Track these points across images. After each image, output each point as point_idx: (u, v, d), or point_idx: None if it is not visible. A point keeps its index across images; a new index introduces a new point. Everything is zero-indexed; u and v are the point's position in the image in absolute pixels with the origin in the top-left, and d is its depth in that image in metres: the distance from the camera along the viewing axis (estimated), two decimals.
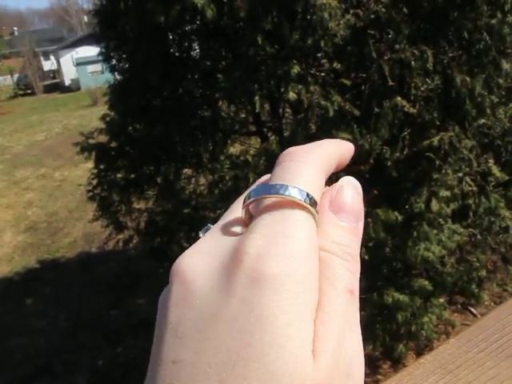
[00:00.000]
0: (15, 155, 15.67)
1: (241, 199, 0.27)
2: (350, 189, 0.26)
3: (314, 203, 0.24)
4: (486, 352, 0.53)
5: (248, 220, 0.26)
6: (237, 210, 0.27)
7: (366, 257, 3.63)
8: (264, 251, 0.23)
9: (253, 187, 0.27)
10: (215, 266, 0.23)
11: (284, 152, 0.27)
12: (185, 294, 0.23)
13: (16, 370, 6.11)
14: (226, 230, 0.26)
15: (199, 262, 0.24)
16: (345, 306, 0.24)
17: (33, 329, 6.89)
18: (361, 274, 0.26)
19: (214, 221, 0.28)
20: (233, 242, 0.24)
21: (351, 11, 3.30)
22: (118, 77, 5.01)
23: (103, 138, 5.09)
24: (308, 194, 0.24)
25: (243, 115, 4.72)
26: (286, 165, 0.26)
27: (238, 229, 0.26)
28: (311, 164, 0.26)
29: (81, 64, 28.20)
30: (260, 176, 0.31)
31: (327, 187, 0.27)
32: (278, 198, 0.24)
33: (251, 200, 0.25)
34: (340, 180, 0.27)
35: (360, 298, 0.26)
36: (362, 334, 0.26)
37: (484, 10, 3.24)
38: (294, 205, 0.24)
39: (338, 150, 0.29)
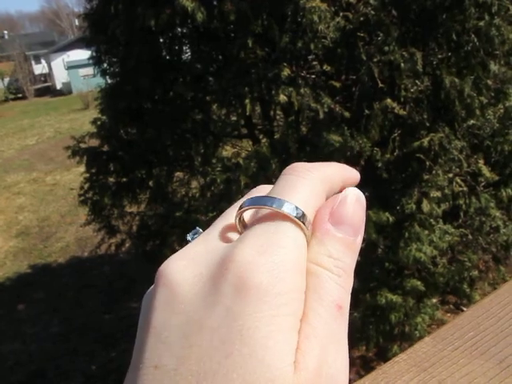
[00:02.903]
0: (6, 160, 15.56)
1: (234, 206, 0.27)
2: (353, 200, 0.26)
3: (306, 220, 0.24)
4: (460, 350, 0.53)
5: (241, 228, 0.26)
6: (230, 217, 0.27)
7: (358, 258, 3.63)
8: (251, 260, 0.22)
9: (249, 196, 0.27)
10: (202, 272, 0.23)
11: (290, 165, 0.27)
12: (170, 299, 0.23)
13: (9, 377, 6.06)
14: (217, 237, 0.25)
15: (186, 267, 0.24)
16: (332, 320, 0.23)
17: (25, 334, 6.84)
18: (354, 274, 0.26)
19: (207, 224, 0.28)
20: (222, 250, 0.24)
21: (341, 14, 3.32)
22: (110, 80, 4.99)
23: (95, 142, 5.07)
24: (301, 212, 0.24)
25: (234, 118, 4.73)
26: (288, 178, 0.26)
27: (229, 236, 0.26)
28: (312, 181, 0.26)
29: (72, 67, 28.06)
30: (252, 179, 0.31)
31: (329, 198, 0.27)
32: (272, 211, 0.24)
33: (245, 208, 0.25)
34: (344, 190, 0.26)
35: (353, 299, 0.26)
36: (356, 334, 0.26)
37: (472, 12, 3.27)
38: (286, 218, 0.24)
39: (343, 173, 0.28)
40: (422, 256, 3.62)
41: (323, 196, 0.26)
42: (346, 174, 0.28)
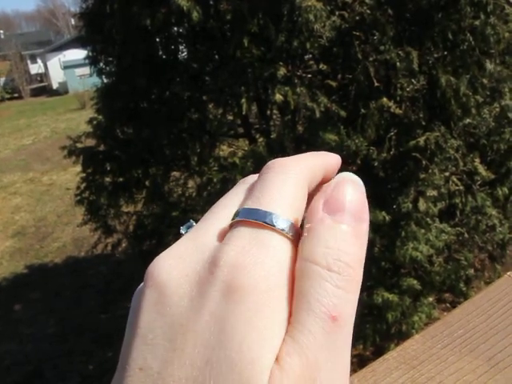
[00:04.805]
0: (2, 160, 15.51)
1: (223, 202, 0.27)
2: (350, 184, 0.23)
3: (288, 227, 0.23)
4: (449, 347, 0.53)
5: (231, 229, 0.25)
6: (219, 213, 0.26)
7: None
8: (236, 263, 0.22)
9: (238, 189, 0.27)
10: (189, 274, 0.23)
11: (268, 163, 0.26)
12: (157, 300, 0.23)
13: (5, 378, 6.04)
14: (206, 235, 0.25)
15: (174, 267, 0.23)
16: (323, 335, 0.21)
17: (22, 335, 6.82)
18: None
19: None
20: (210, 250, 0.24)
21: (336, 13, 3.32)
22: (106, 80, 4.98)
23: (91, 142, 5.06)
24: (290, 223, 0.23)
25: (231, 117, 4.72)
26: (266, 177, 0.25)
27: (218, 234, 0.25)
28: (292, 176, 0.25)
29: (68, 67, 27.98)
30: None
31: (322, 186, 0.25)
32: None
33: (238, 220, 0.24)
34: (336, 176, 0.24)
35: None
36: (353, 333, 0.23)
37: (467, 11, 3.28)
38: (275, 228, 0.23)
39: (323, 161, 0.27)
40: (418, 255, 3.63)
41: (305, 190, 0.25)
42: (325, 160, 0.27)
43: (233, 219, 0.25)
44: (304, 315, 0.21)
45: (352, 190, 0.23)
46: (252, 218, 0.24)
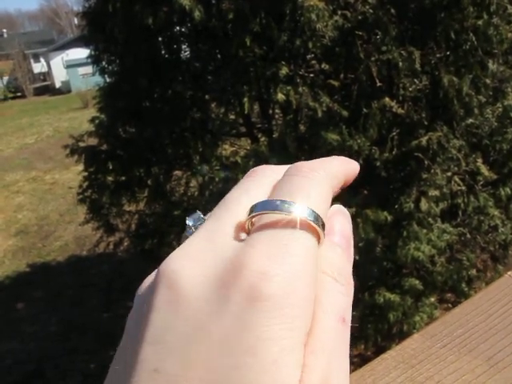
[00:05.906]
0: (5, 158, 15.55)
1: (236, 197, 0.26)
2: (341, 215, 0.27)
3: (322, 224, 0.24)
4: (448, 347, 0.53)
5: (251, 228, 0.24)
6: (232, 210, 0.25)
7: (357, 257, 3.64)
8: (265, 270, 0.21)
9: (253, 178, 0.27)
10: (208, 274, 0.22)
11: (292, 165, 0.27)
12: (173, 299, 0.22)
13: (6, 377, 6.06)
14: (222, 234, 0.24)
15: (190, 267, 0.23)
16: (336, 334, 0.23)
17: (24, 333, 6.84)
18: (352, 273, 0.26)
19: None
20: (231, 252, 0.23)
21: (339, 12, 3.32)
22: (108, 79, 4.99)
23: (93, 141, 5.07)
24: (317, 215, 0.23)
25: (233, 117, 4.73)
26: (293, 179, 0.25)
27: (236, 235, 0.24)
28: (320, 182, 0.25)
29: (71, 66, 28.02)
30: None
31: None
32: (285, 216, 0.23)
33: (258, 213, 0.24)
34: (331, 207, 0.27)
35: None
36: (355, 333, 0.25)
37: (470, 11, 3.27)
38: (301, 224, 0.23)
39: (345, 168, 0.28)
40: (420, 255, 3.62)
41: (330, 196, 0.26)
42: (347, 168, 0.28)
43: (249, 214, 0.24)
44: (322, 317, 0.23)
45: (343, 220, 0.27)
46: (273, 208, 0.24)
